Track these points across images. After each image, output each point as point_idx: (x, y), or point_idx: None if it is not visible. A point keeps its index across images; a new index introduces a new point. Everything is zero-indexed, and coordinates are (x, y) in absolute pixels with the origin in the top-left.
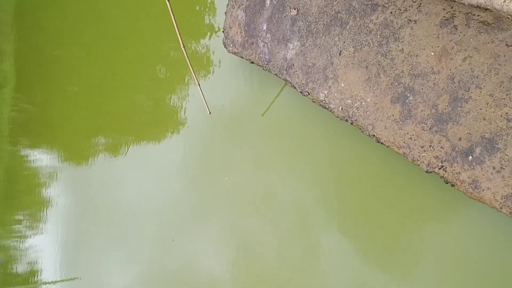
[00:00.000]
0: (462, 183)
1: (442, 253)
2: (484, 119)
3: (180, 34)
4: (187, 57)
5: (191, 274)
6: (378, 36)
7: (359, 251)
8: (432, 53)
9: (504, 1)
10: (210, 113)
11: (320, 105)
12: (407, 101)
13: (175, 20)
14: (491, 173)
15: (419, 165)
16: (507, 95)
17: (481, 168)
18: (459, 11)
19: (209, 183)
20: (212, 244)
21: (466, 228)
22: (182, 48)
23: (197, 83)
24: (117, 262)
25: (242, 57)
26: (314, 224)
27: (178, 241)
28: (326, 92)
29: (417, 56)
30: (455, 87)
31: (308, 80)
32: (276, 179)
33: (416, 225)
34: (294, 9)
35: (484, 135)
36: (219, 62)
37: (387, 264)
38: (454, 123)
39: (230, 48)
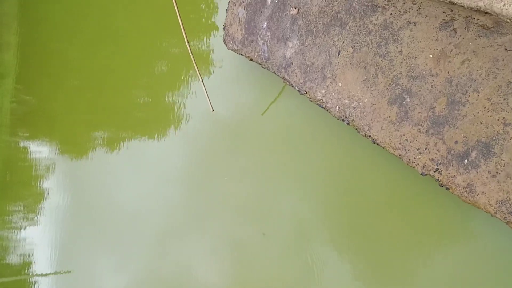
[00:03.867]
0: (457, 186)
1: (438, 261)
2: (481, 123)
3: (184, 30)
4: (191, 53)
5: (185, 281)
6: (377, 37)
7: (356, 261)
8: (431, 56)
9: (504, 5)
10: (214, 110)
11: (317, 104)
12: (404, 102)
13: (180, 16)
14: (487, 178)
15: (414, 167)
16: (504, 99)
17: (477, 172)
18: (459, 14)
19: (207, 185)
20: (207, 250)
21: (462, 234)
22: (187, 44)
23: (200, 80)
24: (110, 260)
25: (241, 54)
26: (309, 232)
27: (173, 247)
28: (323, 91)
29: (415, 58)
30: (452, 90)
31: (306, 79)
32: (274, 183)
33: (412, 231)
34: (295, 8)
35: (481, 139)
36: (220, 60)
37: (383, 273)
38: (451, 126)
39: (230, 45)
